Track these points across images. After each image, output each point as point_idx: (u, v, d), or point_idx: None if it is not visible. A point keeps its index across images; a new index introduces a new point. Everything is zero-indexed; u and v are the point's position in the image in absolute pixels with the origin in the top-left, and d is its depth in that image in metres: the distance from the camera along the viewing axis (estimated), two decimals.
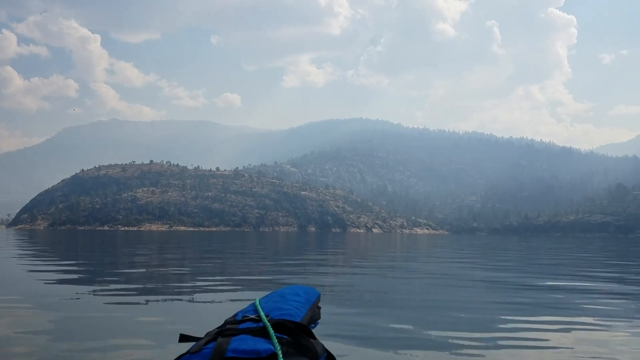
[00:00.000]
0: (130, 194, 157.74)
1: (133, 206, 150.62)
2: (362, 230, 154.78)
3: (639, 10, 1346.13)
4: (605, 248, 45.58)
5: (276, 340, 1.31)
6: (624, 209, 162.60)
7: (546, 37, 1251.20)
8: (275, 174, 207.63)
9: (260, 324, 1.40)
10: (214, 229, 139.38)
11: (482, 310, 8.50)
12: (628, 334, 6.76)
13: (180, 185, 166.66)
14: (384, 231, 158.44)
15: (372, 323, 6.89)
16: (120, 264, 18.50)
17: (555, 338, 6.37)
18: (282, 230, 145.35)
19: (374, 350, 5.56)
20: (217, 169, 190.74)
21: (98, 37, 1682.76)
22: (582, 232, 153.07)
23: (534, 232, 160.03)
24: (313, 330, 1.51)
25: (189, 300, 8.96)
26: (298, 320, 1.50)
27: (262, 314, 1.46)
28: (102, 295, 9.39)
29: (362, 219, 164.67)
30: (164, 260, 20.64)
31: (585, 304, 9.21)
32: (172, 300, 9.40)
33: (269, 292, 1.72)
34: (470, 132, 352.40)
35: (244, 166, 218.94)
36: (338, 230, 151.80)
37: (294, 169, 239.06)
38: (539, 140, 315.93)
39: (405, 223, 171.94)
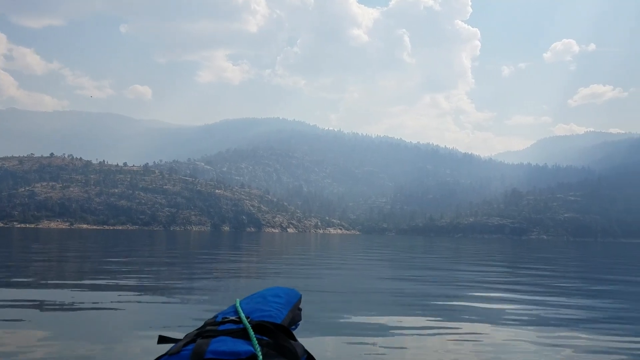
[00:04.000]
0: (27, 188, 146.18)
1: (31, 202, 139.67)
2: (277, 230, 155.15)
3: (536, 25, 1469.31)
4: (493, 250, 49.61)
5: (256, 342, 1.31)
6: (519, 213, 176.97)
7: (452, 48, 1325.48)
8: (189, 171, 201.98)
9: (241, 326, 1.40)
10: (120, 228, 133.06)
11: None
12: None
13: (84, 181, 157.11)
14: (298, 231, 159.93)
15: None
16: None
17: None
18: (194, 229, 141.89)
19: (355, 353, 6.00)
20: (125, 164, 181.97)
21: None
22: (480, 233, 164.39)
23: (438, 232, 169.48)
24: (294, 332, 1.51)
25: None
26: (279, 321, 1.50)
27: (242, 315, 1.45)
28: None
29: (277, 219, 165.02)
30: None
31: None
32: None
33: (250, 294, 1.69)
34: (381, 136, 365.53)
35: (154, 162, 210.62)
36: (253, 229, 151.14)
37: (208, 167, 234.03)
38: (443, 146, 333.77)
39: (319, 223, 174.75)
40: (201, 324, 1.45)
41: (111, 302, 9.96)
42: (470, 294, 12.63)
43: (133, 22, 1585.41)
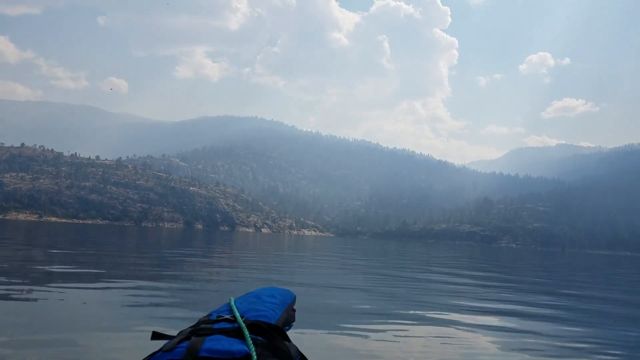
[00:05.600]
0: None
1: None
2: (251, 230, 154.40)
3: (513, 38, 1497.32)
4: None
5: (251, 342, 1.31)
6: (489, 221, 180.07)
7: (430, 56, 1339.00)
8: (163, 167, 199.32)
9: (235, 325, 1.39)
10: (90, 222, 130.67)
11: None
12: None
13: (54, 173, 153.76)
14: (272, 231, 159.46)
15: None
16: None
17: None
18: (166, 226, 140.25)
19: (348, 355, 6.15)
20: (97, 157, 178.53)
21: None
22: (452, 239, 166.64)
23: (411, 237, 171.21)
24: (288, 333, 1.50)
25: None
26: (273, 322, 1.49)
27: (237, 314, 1.45)
28: None
29: (251, 219, 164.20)
30: None
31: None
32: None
33: (244, 293, 1.69)
34: (358, 139, 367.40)
35: (127, 156, 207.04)
36: (226, 228, 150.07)
37: (183, 164, 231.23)
38: (419, 152, 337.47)
39: (294, 224, 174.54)
40: (193, 322, 1.43)
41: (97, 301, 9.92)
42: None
43: (111, 14, 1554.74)
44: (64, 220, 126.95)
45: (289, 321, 1.63)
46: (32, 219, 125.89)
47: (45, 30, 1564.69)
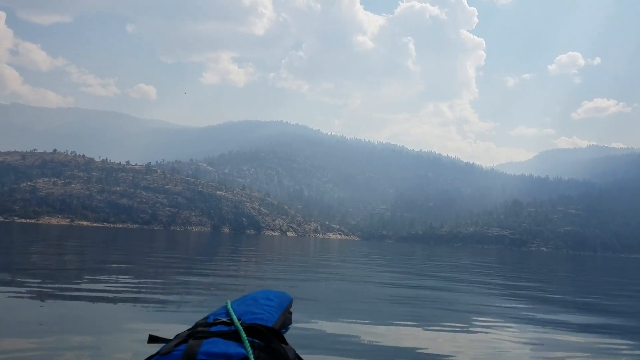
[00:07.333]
0: (29, 183, 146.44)
1: (32, 197, 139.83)
2: (276, 233, 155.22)
3: (541, 37, 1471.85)
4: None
5: (248, 344, 1.31)
6: (519, 224, 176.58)
7: (457, 57, 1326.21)
8: (190, 172, 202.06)
9: (232, 327, 1.40)
10: (120, 226, 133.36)
11: None
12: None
13: (85, 178, 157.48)
14: (298, 235, 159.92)
15: None
16: None
17: None
18: (194, 230, 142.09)
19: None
20: (127, 162, 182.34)
21: (3, 14, 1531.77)
22: (479, 243, 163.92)
23: (437, 241, 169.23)
24: (284, 335, 1.50)
25: None
26: (270, 324, 1.50)
27: (234, 317, 1.46)
28: None
29: (277, 222, 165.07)
30: None
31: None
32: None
33: (241, 295, 1.69)
34: (384, 142, 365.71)
35: (156, 161, 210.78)
36: (252, 232, 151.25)
37: (211, 168, 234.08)
38: (445, 154, 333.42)
39: (319, 228, 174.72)
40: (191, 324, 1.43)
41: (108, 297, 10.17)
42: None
43: (140, 21, 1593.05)
44: (95, 225, 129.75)
45: (285, 324, 1.64)
46: (64, 223, 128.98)
47: (76, 38, 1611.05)
